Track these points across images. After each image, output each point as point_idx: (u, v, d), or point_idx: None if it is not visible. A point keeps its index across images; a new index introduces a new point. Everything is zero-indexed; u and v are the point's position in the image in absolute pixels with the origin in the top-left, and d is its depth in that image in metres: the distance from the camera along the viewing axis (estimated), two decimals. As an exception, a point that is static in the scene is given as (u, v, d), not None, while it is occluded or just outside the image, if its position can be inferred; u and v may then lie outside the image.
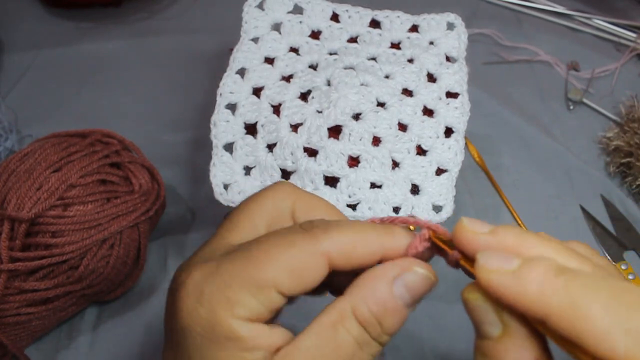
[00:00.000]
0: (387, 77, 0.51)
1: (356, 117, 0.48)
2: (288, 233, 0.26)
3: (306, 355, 0.25)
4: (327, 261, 0.26)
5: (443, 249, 0.27)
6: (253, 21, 0.54)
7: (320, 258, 0.25)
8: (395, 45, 0.54)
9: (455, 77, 0.51)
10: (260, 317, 0.25)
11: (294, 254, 0.25)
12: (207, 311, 0.24)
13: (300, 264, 0.25)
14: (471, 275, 0.25)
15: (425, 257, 0.28)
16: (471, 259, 0.25)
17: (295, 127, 0.48)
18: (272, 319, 0.26)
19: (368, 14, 0.55)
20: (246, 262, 0.25)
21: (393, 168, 0.48)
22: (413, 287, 0.26)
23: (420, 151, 0.49)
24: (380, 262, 0.27)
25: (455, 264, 0.27)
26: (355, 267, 0.27)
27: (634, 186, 0.61)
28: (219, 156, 0.48)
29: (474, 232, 0.25)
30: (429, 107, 0.50)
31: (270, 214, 0.29)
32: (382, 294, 0.26)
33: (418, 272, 0.26)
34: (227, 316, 0.24)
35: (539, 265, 0.22)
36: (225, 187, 0.48)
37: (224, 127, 0.49)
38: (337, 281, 0.28)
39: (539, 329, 0.23)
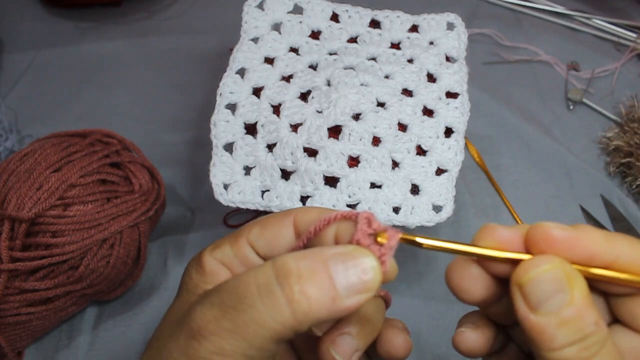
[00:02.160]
0: (387, 77, 0.51)
1: (356, 117, 0.48)
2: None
3: (220, 289, 0.26)
4: (293, 224, 0.29)
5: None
6: (253, 21, 0.54)
7: (288, 220, 0.29)
8: (395, 45, 0.54)
9: (455, 77, 0.51)
10: (232, 264, 0.30)
11: (267, 217, 0.30)
12: (200, 253, 0.31)
13: (270, 223, 0.30)
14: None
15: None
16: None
17: (295, 127, 0.47)
18: None
19: (368, 14, 0.55)
20: (241, 227, 0.31)
21: (393, 168, 0.47)
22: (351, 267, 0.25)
23: (420, 151, 0.49)
24: None
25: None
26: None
27: (634, 186, 0.61)
28: (219, 156, 0.48)
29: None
30: (428, 107, 0.50)
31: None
32: (311, 252, 0.25)
33: (362, 260, 0.25)
34: (206, 254, 0.30)
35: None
36: (225, 187, 0.48)
37: (224, 127, 0.49)
38: None
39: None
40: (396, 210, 0.47)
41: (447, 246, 0.26)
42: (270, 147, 0.48)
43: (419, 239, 0.26)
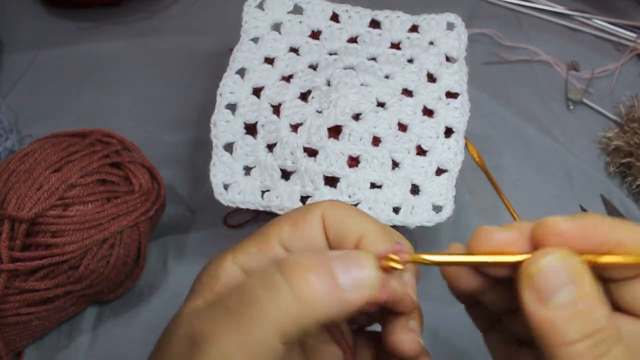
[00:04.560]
0: (387, 77, 0.51)
1: (356, 117, 0.48)
2: None
3: (222, 295, 0.26)
4: (321, 223, 0.29)
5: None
6: (253, 21, 0.54)
7: (317, 220, 0.29)
8: (395, 45, 0.54)
9: (455, 77, 0.51)
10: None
11: (295, 214, 0.29)
12: (220, 257, 0.28)
13: (300, 223, 0.29)
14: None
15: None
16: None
17: (295, 127, 0.48)
18: None
19: (368, 14, 0.55)
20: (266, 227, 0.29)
21: (393, 168, 0.48)
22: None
23: (420, 151, 0.49)
24: None
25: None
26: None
27: (634, 186, 0.61)
28: (219, 156, 0.48)
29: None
30: (428, 107, 0.50)
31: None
32: (313, 252, 0.27)
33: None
34: (227, 259, 0.28)
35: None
36: (225, 187, 0.48)
37: (224, 127, 0.49)
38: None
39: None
40: (396, 210, 0.47)
41: (451, 260, 0.27)
42: (270, 147, 0.48)
43: (425, 256, 0.27)
